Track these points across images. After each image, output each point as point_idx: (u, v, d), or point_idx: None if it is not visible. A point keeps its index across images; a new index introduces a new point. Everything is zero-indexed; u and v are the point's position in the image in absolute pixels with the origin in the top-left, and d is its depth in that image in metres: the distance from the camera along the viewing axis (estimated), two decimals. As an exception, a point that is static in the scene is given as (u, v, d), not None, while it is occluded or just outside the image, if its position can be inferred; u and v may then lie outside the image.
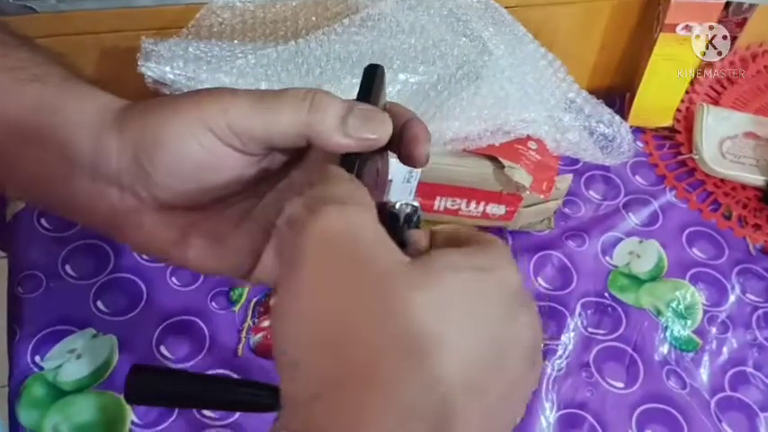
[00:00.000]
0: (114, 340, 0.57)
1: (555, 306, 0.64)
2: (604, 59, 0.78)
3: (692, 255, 0.69)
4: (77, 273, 0.60)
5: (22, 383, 0.54)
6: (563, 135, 0.60)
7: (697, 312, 0.65)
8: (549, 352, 0.60)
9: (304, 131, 0.32)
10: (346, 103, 0.32)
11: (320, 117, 0.32)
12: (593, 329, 0.63)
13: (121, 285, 0.60)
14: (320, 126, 0.32)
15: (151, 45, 0.55)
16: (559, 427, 0.57)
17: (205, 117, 0.32)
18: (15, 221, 0.62)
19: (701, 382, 0.61)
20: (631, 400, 0.59)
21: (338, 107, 0.32)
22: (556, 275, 0.66)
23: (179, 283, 0.61)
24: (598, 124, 0.61)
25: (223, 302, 0.60)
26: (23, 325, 0.57)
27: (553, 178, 0.62)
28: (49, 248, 0.61)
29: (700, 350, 0.62)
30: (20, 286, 0.58)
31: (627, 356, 0.61)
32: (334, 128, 0.32)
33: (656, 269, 0.67)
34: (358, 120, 0.32)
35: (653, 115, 0.77)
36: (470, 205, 0.64)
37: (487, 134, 0.59)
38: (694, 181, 0.74)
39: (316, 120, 0.32)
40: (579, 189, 0.72)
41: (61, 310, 0.58)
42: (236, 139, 0.33)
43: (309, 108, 0.32)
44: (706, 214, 0.72)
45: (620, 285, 0.66)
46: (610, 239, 0.69)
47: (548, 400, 0.58)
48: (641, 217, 0.71)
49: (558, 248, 0.67)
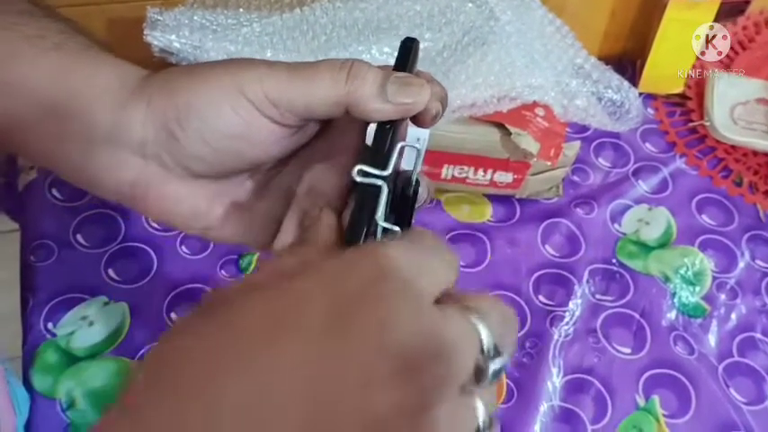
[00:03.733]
0: (126, 307, 0.58)
1: (563, 273, 0.64)
2: (615, 26, 0.77)
3: (702, 221, 0.69)
4: (89, 242, 0.61)
5: (35, 350, 0.55)
6: (571, 101, 0.60)
7: (706, 279, 0.65)
8: (555, 318, 0.61)
9: (343, 100, 0.32)
10: (384, 71, 0.33)
11: (359, 84, 0.32)
12: (601, 296, 0.63)
13: (132, 254, 0.60)
14: (360, 93, 0.32)
15: (156, 14, 0.56)
16: (566, 392, 0.57)
17: (242, 84, 0.32)
18: (27, 191, 0.63)
19: (708, 348, 0.61)
20: (638, 366, 0.59)
21: (377, 74, 0.32)
22: (564, 243, 0.66)
23: (189, 251, 0.61)
24: (606, 90, 0.61)
25: (232, 270, 0.61)
26: (36, 293, 0.57)
27: (561, 145, 0.62)
28: (60, 218, 0.61)
29: (708, 316, 0.62)
30: (32, 255, 0.59)
31: (634, 322, 0.61)
32: (374, 94, 0.32)
33: (665, 236, 0.67)
34: (396, 86, 0.32)
35: (664, 81, 0.76)
36: (477, 173, 0.64)
37: (494, 101, 0.58)
38: (705, 147, 0.74)
39: (355, 86, 0.32)
40: (588, 156, 0.72)
41: (73, 279, 0.58)
42: (275, 109, 0.32)
43: (348, 76, 0.32)
44: (716, 181, 0.71)
45: (629, 252, 0.66)
46: (619, 207, 0.69)
47: (554, 365, 0.58)
48: (651, 184, 0.71)
49: (567, 216, 0.67)
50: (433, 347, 0.22)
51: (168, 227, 0.57)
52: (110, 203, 0.62)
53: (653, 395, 0.58)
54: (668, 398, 0.58)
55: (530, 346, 0.59)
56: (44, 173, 0.64)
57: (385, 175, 0.28)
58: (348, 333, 0.21)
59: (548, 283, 0.63)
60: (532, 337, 0.60)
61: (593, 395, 0.57)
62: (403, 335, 0.21)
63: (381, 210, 0.27)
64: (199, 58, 0.57)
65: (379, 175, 0.28)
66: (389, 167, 0.28)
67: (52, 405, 0.53)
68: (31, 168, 0.64)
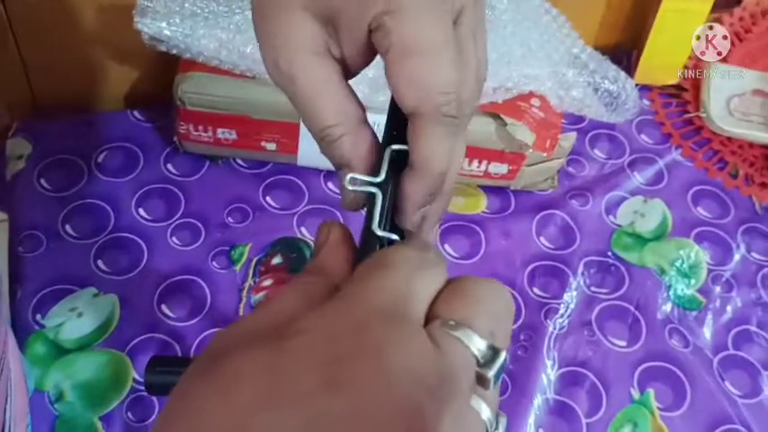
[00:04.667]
0: (115, 299, 0.57)
1: (557, 265, 0.63)
2: (611, 16, 0.76)
3: (698, 214, 0.68)
4: (78, 232, 0.60)
5: (23, 342, 0.54)
6: (567, 91, 0.59)
7: (701, 271, 0.64)
8: (550, 310, 0.60)
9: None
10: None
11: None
12: (596, 288, 0.62)
13: (122, 245, 0.60)
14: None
15: (146, 1, 0.55)
16: (560, 385, 0.57)
17: None
18: (15, 181, 0.62)
19: (703, 341, 0.60)
20: (633, 359, 0.59)
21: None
22: (558, 235, 0.65)
23: (179, 242, 0.60)
24: (603, 80, 0.60)
25: (224, 262, 0.60)
26: (24, 284, 0.57)
27: (557, 136, 0.61)
28: (48, 208, 0.60)
29: (703, 309, 0.62)
30: (20, 246, 0.58)
31: (629, 315, 0.61)
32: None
33: (660, 228, 0.67)
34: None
35: (660, 72, 0.76)
36: (472, 164, 0.63)
37: (490, 91, 0.58)
38: (701, 139, 0.73)
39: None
40: (584, 148, 0.71)
41: (62, 270, 0.58)
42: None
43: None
44: (712, 173, 0.71)
45: (624, 244, 0.65)
46: (614, 198, 0.68)
47: (549, 357, 0.58)
48: (646, 176, 0.70)
49: (562, 208, 0.67)
50: (434, 381, 0.21)
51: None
52: (99, 193, 0.62)
53: (648, 388, 0.57)
54: (663, 391, 0.57)
55: (524, 338, 0.59)
56: (33, 162, 0.63)
57: (377, 182, 0.27)
58: (347, 388, 0.20)
59: (542, 276, 0.63)
60: (527, 330, 0.59)
61: (588, 388, 0.57)
62: (401, 380, 0.21)
63: (376, 218, 0.26)
64: (190, 46, 0.56)
65: (371, 182, 0.27)
66: (382, 173, 0.27)
67: (40, 398, 0.52)
68: (19, 158, 0.63)
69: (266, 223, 0.62)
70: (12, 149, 0.64)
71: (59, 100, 0.67)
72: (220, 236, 0.61)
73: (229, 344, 0.23)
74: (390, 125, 0.30)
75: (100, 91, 0.68)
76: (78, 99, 0.67)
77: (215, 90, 0.59)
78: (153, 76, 0.67)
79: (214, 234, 0.61)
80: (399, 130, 0.29)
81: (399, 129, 0.29)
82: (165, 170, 0.64)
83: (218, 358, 0.22)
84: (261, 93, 0.58)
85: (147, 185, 0.63)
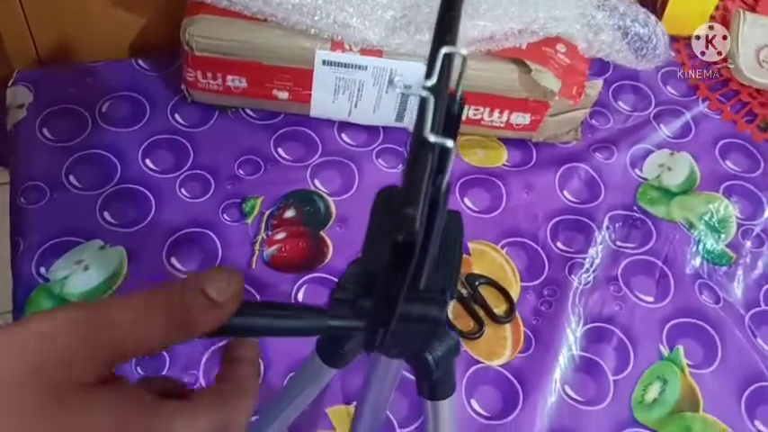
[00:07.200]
0: (123, 252, 0.54)
1: (581, 219, 0.61)
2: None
3: (726, 167, 0.65)
4: (83, 183, 0.57)
5: (26, 297, 0.52)
6: (596, 35, 0.56)
7: (731, 226, 0.62)
8: (575, 265, 0.58)
9: None
10: None
11: None
12: (622, 243, 0.60)
13: (129, 196, 0.57)
14: None
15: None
16: (586, 342, 0.55)
17: None
18: (16, 131, 0.59)
19: (734, 297, 0.58)
20: (661, 315, 0.57)
21: None
22: (582, 188, 0.63)
23: (188, 194, 0.58)
24: (633, 23, 0.57)
25: (235, 215, 0.57)
26: (27, 236, 0.54)
27: (583, 83, 0.59)
28: (52, 158, 0.58)
29: (734, 264, 0.60)
30: (22, 197, 0.56)
31: (657, 270, 0.59)
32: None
33: (687, 182, 0.64)
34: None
35: (686, 22, 0.72)
36: (493, 114, 0.61)
37: (514, 33, 0.55)
38: (728, 91, 0.70)
39: None
40: (607, 99, 0.68)
41: (66, 222, 0.55)
42: None
43: None
44: (741, 125, 0.68)
45: (650, 198, 0.63)
46: (639, 152, 0.65)
47: (574, 313, 0.56)
48: (673, 128, 0.67)
49: (585, 161, 0.64)
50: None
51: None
52: (104, 144, 0.59)
53: (677, 345, 0.55)
54: (693, 348, 0.55)
55: (548, 293, 0.57)
56: (34, 112, 0.60)
57: (429, 86, 0.25)
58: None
59: (566, 230, 0.60)
60: (550, 285, 0.57)
61: (615, 344, 0.55)
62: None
63: (428, 123, 0.24)
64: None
65: (423, 87, 0.25)
66: (434, 77, 0.25)
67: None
68: (20, 107, 0.60)
69: (278, 175, 0.60)
70: (12, 98, 0.61)
71: (62, 49, 0.64)
72: (231, 188, 0.59)
73: None
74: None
75: (103, 40, 0.65)
76: (81, 48, 0.64)
77: (224, 34, 0.56)
78: (158, 24, 0.64)
79: (224, 186, 0.59)
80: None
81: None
82: (173, 120, 0.62)
83: None
84: (273, 36, 0.55)
85: (154, 136, 0.60)
